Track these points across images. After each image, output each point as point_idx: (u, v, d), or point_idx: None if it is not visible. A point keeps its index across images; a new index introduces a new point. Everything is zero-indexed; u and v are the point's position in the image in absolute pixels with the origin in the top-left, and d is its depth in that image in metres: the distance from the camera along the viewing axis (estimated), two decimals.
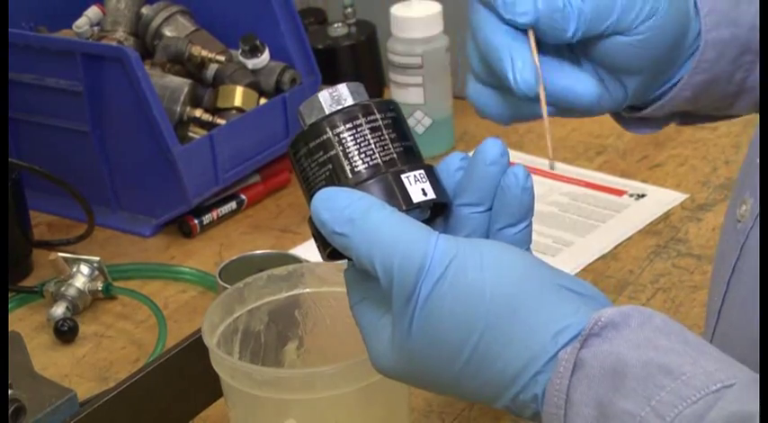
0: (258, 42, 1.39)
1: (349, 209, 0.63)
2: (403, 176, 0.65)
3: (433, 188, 0.66)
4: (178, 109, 1.31)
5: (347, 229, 0.63)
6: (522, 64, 0.72)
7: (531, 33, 0.72)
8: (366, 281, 0.67)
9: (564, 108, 0.79)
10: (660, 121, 0.87)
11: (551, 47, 0.77)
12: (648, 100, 0.83)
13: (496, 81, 0.76)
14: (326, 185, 0.65)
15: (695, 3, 0.79)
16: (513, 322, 0.62)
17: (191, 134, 1.33)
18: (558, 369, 0.61)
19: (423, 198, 0.65)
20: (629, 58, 0.76)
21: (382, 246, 0.62)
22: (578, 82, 0.78)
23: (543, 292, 0.63)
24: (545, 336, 0.62)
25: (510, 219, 0.67)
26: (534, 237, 1.26)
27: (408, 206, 0.64)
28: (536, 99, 0.74)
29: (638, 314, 0.62)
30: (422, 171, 0.66)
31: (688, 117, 0.88)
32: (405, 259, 0.62)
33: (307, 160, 0.66)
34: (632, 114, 0.85)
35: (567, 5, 0.72)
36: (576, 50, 0.78)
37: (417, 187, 0.65)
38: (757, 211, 0.70)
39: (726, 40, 0.79)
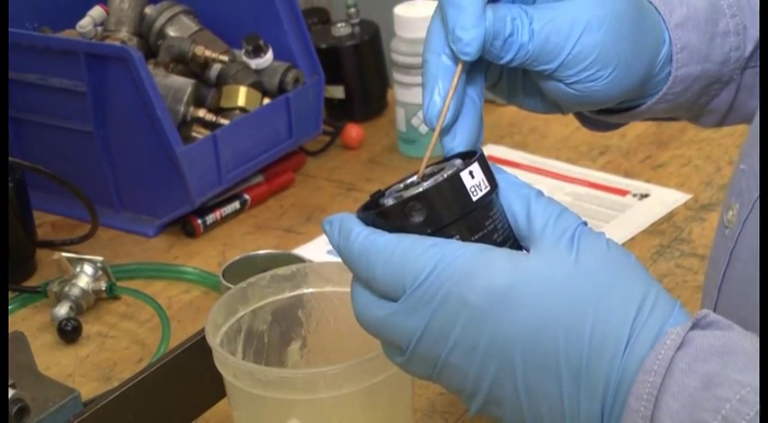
0: (261, 42, 1.39)
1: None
2: None
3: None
4: (181, 109, 1.31)
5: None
6: (436, 99, 0.71)
7: (459, 68, 0.70)
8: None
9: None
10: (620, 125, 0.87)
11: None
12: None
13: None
14: None
15: (669, 37, 0.78)
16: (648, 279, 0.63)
17: (194, 134, 1.33)
18: (664, 341, 0.60)
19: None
20: (567, 100, 0.75)
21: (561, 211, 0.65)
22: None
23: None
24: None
25: None
26: None
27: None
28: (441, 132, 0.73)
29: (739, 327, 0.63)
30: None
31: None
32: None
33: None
34: (593, 117, 0.84)
35: (515, 34, 0.71)
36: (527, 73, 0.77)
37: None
38: (744, 216, 0.70)
39: (695, 75, 0.79)
